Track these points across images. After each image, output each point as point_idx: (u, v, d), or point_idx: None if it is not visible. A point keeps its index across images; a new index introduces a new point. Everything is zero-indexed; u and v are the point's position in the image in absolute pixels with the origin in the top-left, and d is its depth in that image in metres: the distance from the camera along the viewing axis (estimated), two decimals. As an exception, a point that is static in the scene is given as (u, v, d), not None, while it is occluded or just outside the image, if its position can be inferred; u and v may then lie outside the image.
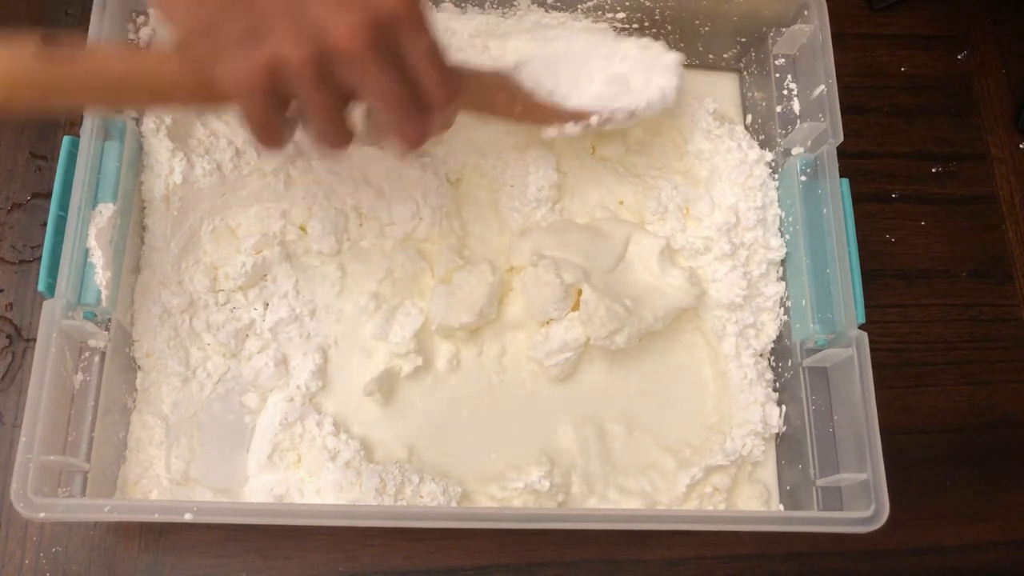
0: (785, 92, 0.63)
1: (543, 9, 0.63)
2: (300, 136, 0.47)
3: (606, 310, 0.55)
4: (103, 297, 0.50)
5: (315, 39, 0.40)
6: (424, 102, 0.45)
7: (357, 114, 0.47)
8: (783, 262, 0.60)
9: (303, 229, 0.58)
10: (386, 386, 0.56)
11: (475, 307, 0.56)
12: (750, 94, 0.67)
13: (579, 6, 0.63)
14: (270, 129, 0.44)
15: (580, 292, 0.57)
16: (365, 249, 0.59)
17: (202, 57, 0.42)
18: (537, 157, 0.61)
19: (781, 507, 0.57)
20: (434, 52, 0.44)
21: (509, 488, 0.54)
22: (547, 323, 0.58)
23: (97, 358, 0.52)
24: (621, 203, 0.62)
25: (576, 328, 0.56)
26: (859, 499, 0.51)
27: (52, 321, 0.48)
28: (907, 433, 0.62)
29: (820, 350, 0.56)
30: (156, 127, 0.56)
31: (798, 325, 0.58)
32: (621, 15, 0.64)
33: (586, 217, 0.62)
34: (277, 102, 0.42)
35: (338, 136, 0.45)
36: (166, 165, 0.56)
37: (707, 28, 0.65)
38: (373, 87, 0.42)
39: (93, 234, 0.50)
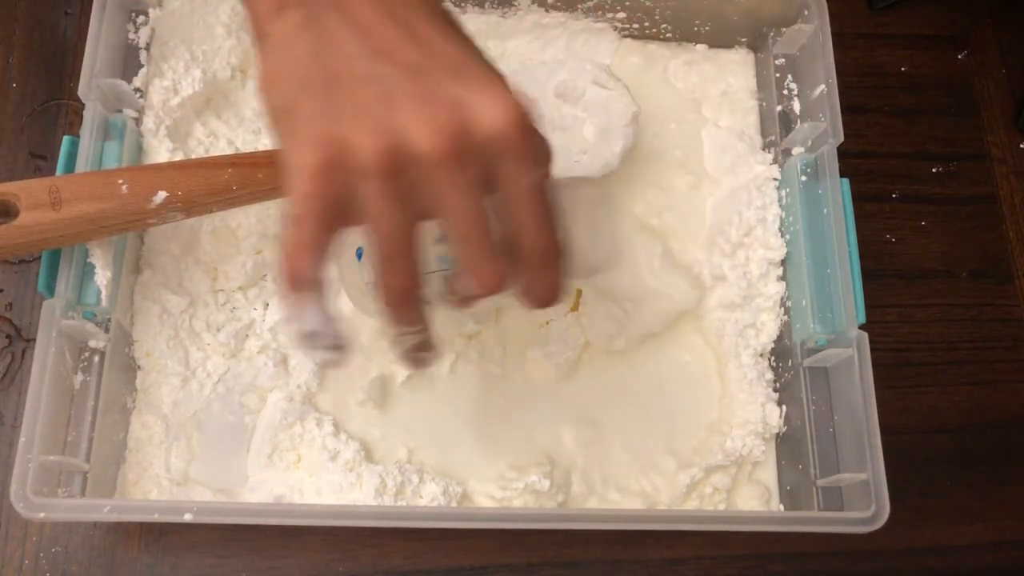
0: (785, 92, 0.63)
1: (543, 9, 0.63)
2: None
3: (605, 313, 0.55)
4: (103, 297, 0.50)
5: (394, 133, 0.34)
6: (518, 253, 0.37)
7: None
8: (783, 262, 0.60)
9: (303, 229, 0.58)
10: (377, 393, 0.56)
11: (475, 314, 0.56)
12: (750, 94, 0.67)
13: (579, 6, 0.63)
14: (317, 239, 0.36)
15: (579, 292, 0.57)
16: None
17: (280, 136, 0.37)
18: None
19: (781, 507, 0.57)
20: (539, 192, 0.37)
21: (509, 488, 0.54)
22: (547, 323, 0.58)
23: (97, 358, 0.52)
24: (621, 203, 0.62)
25: (575, 328, 0.56)
26: (859, 499, 0.51)
27: (52, 321, 0.48)
28: (907, 433, 0.62)
29: (820, 350, 0.56)
30: (156, 127, 0.56)
31: (798, 325, 0.58)
32: (621, 15, 0.64)
33: (587, 217, 0.61)
34: (333, 204, 0.35)
35: (406, 275, 0.37)
36: (166, 165, 0.56)
37: (707, 28, 0.65)
38: (448, 205, 0.35)
39: (92, 233, 0.50)
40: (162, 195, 0.48)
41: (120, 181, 0.48)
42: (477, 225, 0.36)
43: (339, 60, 0.36)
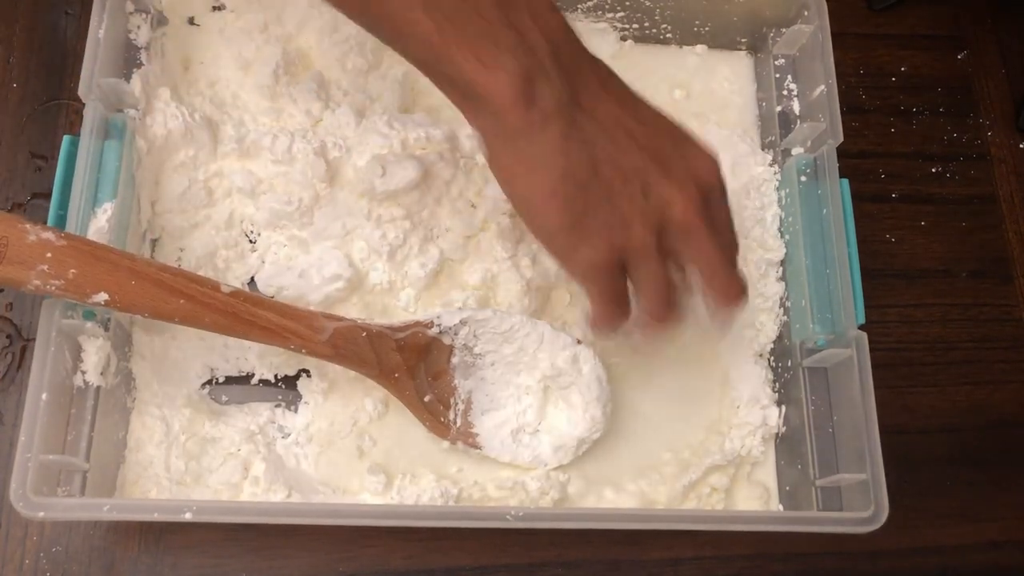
0: (785, 92, 0.63)
1: (543, 9, 0.63)
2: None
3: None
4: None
5: (659, 215, 0.44)
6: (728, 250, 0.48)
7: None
8: (783, 262, 0.60)
9: (303, 229, 0.59)
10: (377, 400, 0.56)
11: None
12: (750, 94, 0.67)
13: (579, 6, 0.63)
14: (618, 302, 0.47)
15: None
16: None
17: (563, 249, 0.46)
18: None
19: (780, 507, 0.57)
20: (730, 217, 0.49)
21: (508, 488, 0.54)
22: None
23: (97, 358, 0.52)
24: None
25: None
26: (858, 499, 0.51)
27: (52, 321, 0.48)
28: (907, 433, 0.62)
29: (820, 350, 0.56)
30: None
31: (798, 325, 0.58)
32: (621, 15, 0.64)
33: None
34: (621, 275, 0.46)
35: (670, 305, 0.47)
36: (166, 165, 0.56)
37: (707, 28, 0.65)
38: (703, 249, 0.46)
39: (93, 234, 0.50)
40: (102, 296, 0.46)
41: (72, 271, 0.45)
42: (722, 255, 0.46)
43: (607, 167, 0.44)
